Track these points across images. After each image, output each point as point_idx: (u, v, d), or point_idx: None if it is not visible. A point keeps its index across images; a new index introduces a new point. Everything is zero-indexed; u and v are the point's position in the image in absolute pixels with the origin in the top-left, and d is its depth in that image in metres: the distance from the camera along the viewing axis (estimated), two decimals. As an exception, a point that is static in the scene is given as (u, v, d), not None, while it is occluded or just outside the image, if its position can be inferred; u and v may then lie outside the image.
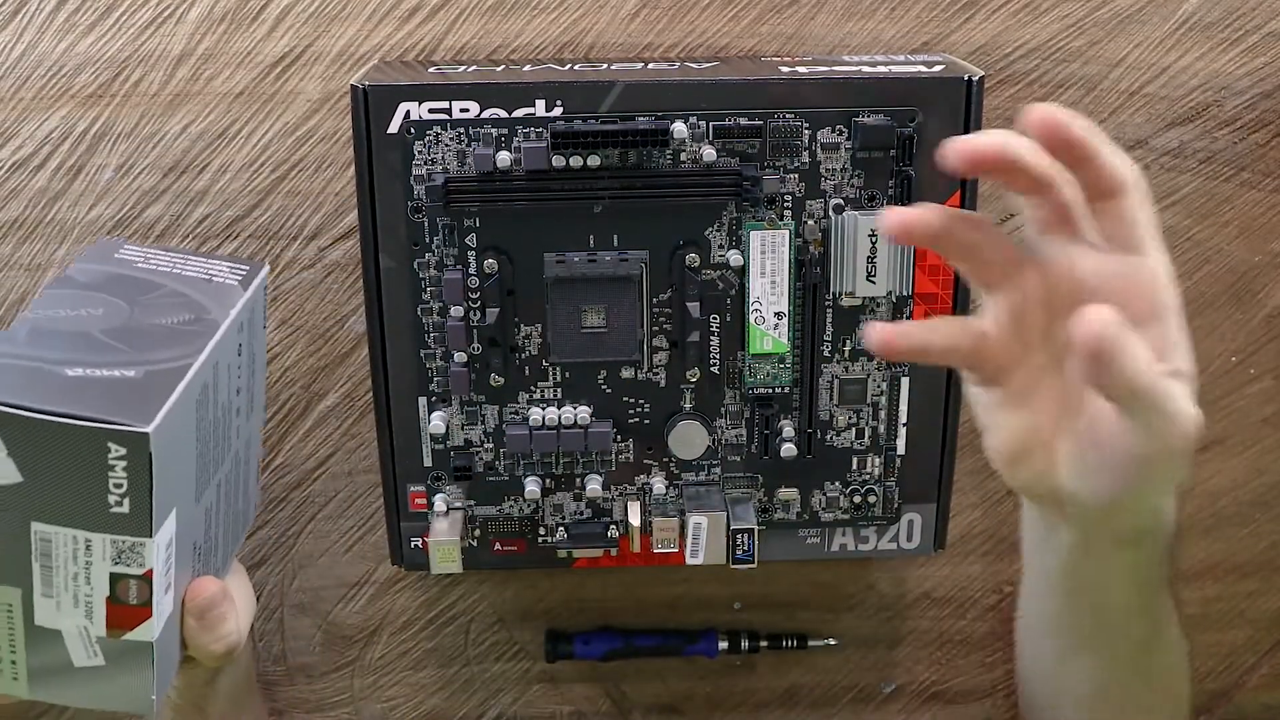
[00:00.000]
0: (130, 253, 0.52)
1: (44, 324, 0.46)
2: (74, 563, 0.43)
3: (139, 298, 0.49)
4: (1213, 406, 0.66)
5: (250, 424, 0.53)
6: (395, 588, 0.67)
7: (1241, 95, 0.61)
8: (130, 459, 0.41)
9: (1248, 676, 0.72)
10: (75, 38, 0.58)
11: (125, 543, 0.42)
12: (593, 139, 0.52)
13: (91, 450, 0.41)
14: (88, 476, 0.41)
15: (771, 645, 0.68)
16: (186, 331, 0.47)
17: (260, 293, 0.53)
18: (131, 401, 0.42)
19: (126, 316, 0.47)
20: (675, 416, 0.58)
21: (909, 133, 0.54)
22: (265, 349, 0.55)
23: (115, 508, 0.42)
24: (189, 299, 0.49)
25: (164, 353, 0.45)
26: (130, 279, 0.50)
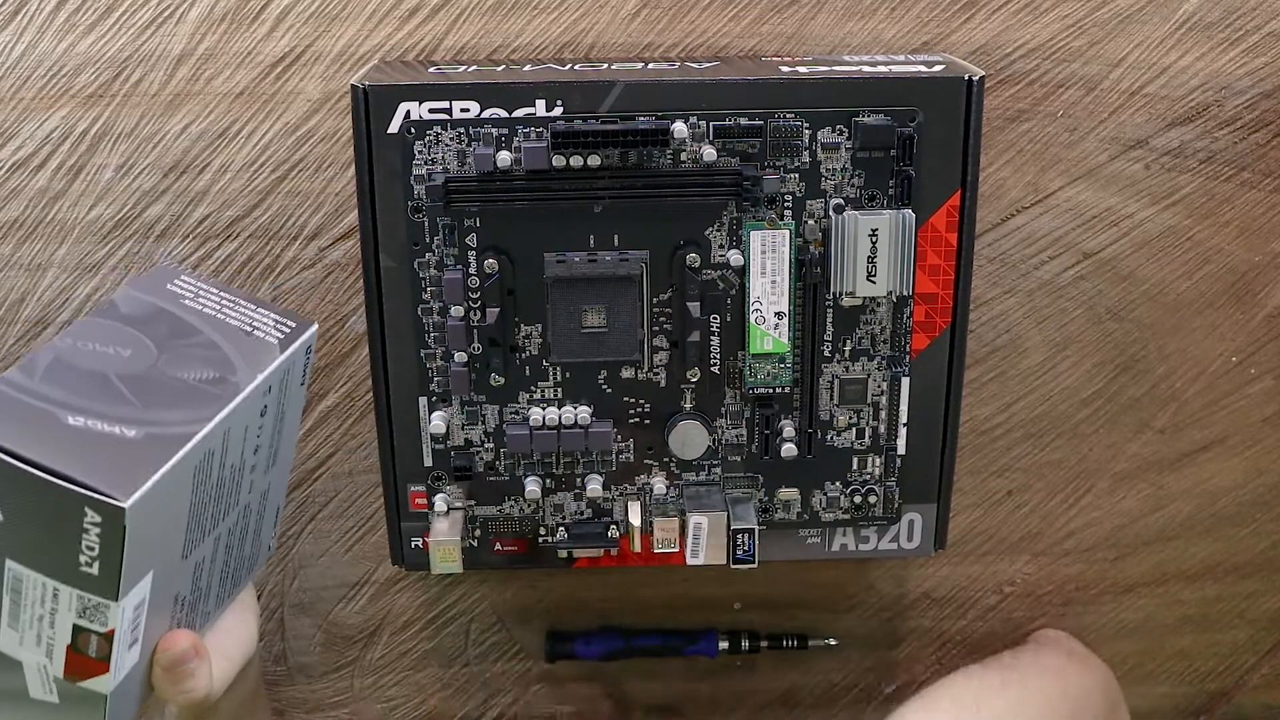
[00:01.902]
0: (184, 285, 0.51)
1: (67, 356, 0.45)
2: (40, 605, 0.43)
3: (171, 341, 0.48)
4: (1213, 406, 0.66)
5: (270, 476, 0.52)
6: (395, 588, 0.67)
7: (1241, 95, 0.61)
8: (104, 527, 0.41)
9: (1248, 676, 0.72)
10: (75, 38, 0.58)
11: (91, 600, 0.42)
12: (593, 139, 0.52)
13: (68, 510, 0.41)
14: (63, 533, 0.41)
15: (771, 645, 0.68)
16: (204, 392, 0.46)
17: (301, 353, 0.51)
18: (120, 467, 0.41)
19: (150, 363, 0.47)
20: (675, 416, 0.58)
21: (909, 133, 0.54)
22: (302, 404, 0.54)
23: (85, 567, 0.41)
24: (220, 353, 0.48)
25: (172, 413, 0.45)
26: (171, 317, 0.49)
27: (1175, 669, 0.72)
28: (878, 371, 0.58)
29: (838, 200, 0.55)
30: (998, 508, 0.67)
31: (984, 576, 0.69)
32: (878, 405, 0.58)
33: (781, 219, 0.55)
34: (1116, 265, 0.63)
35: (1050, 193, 0.62)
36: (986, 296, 0.63)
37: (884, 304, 0.57)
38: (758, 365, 0.57)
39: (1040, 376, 0.65)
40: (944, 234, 0.55)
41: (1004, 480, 0.67)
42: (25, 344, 0.61)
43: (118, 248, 0.60)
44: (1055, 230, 0.62)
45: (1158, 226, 0.62)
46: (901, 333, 0.57)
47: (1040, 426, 0.66)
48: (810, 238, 0.56)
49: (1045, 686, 0.65)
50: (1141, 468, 0.67)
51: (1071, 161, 0.61)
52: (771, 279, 0.55)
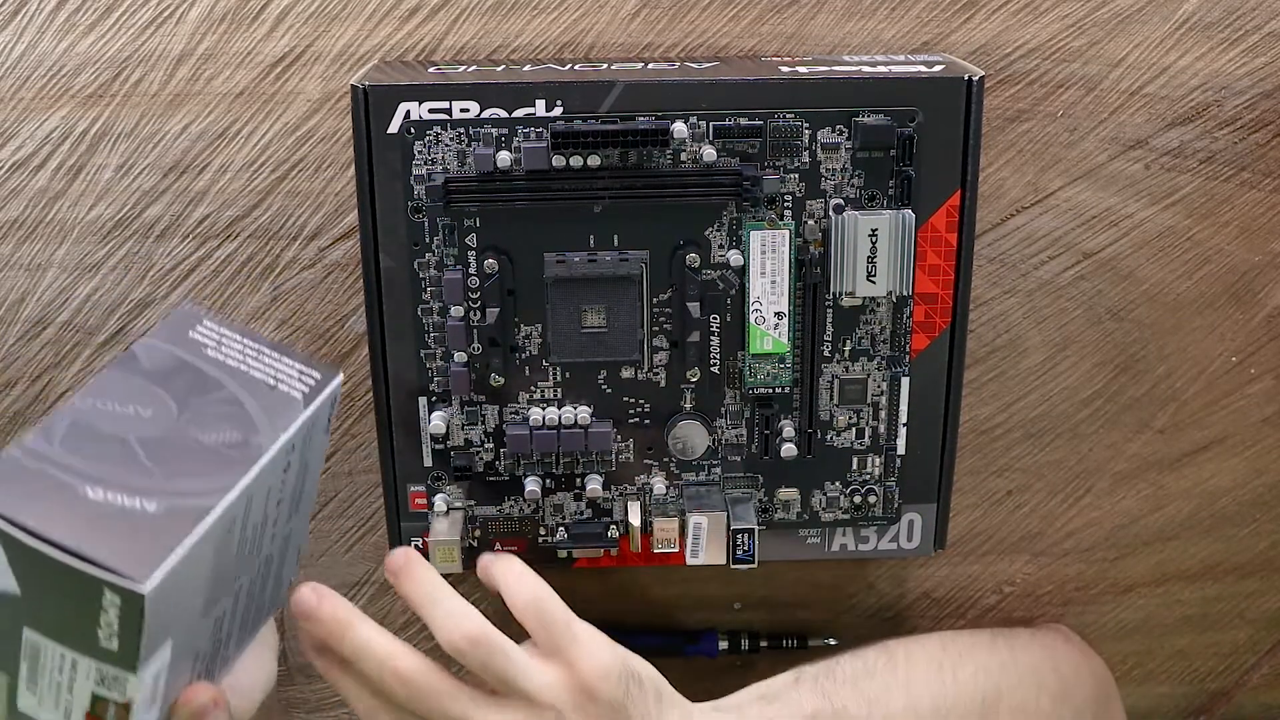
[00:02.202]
0: (206, 332, 0.50)
1: (86, 418, 0.44)
2: (59, 673, 0.42)
3: (192, 399, 0.47)
4: (1213, 406, 0.66)
5: (292, 522, 0.51)
6: (393, 590, 0.67)
7: (1241, 95, 0.61)
8: (124, 608, 0.40)
9: (1248, 676, 0.72)
10: (75, 38, 0.58)
11: (109, 671, 0.42)
12: (593, 139, 0.52)
13: (88, 590, 0.40)
14: (81, 610, 0.41)
15: (771, 645, 0.68)
16: (226, 457, 0.45)
17: (326, 406, 0.50)
18: (140, 546, 0.41)
19: (170, 423, 0.45)
20: (675, 416, 0.58)
21: (909, 133, 0.54)
22: (325, 452, 0.53)
23: (104, 642, 0.41)
24: (243, 411, 0.47)
25: (193, 482, 0.44)
26: (193, 370, 0.48)
27: (1175, 669, 0.72)
28: (878, 371, 0.58)
29: (838, 200, 0.55)
30: (998, 508, 0.67)
31: (984, 576, 0.69)
32: (877, 405, 0.58)
33: (781, 219, 0.55)
34: (1116, 265, 0.63)
35: (1050, 193, 0.62)
36: (986, 296, 0.63)
37: (884, 304, 0.57)
38: (758, 365, 0.57)
39: (1040, 376, 0.65)
40: (944, 234, 0.56)
41: (1004, 480, 0.67)
42: (25, 344, 0.61)
43: (118, 248, 0.60)
44: (1055, 230, 0.62)
45: (1158, 226, 0.62)
46: (901, 333, 0.57)
47: (1040, 426, 0.66)
48: (810, 238, 0.56)
49: (1035, 658, 0.65)
50: (1141, 468, 0.67)
51: (1071, 161, 0.61)
52: (771, 279, 0.55)
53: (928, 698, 0.59)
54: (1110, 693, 0.67)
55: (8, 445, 0.43)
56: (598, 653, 0.51)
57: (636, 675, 0.52)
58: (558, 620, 0.51)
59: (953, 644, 0.63)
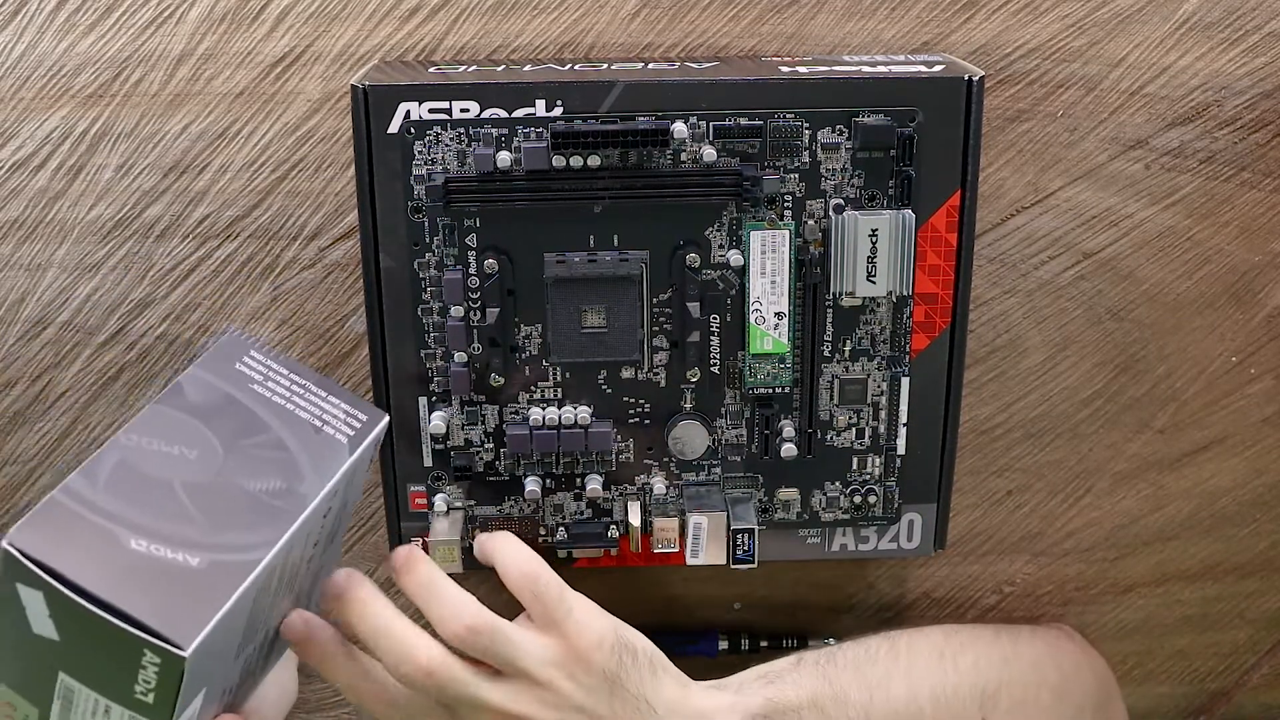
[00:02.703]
0: (253, 364, 0.49)
1: (133, 459, 0.44)
2: (92, 716, 0.42)
3: (238, 442, 0.46)
4: (1213, 406, 0.66)
5: (326, 555, 0.51)
6: (395, 588, 0.67)
7: (1241, 95, 0.61)
8: (163, 668, 0.40)
9: (1248, 676, 0.72)
10: (75, 38, 0.58)
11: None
12: (593, 139, 0.52)
13: (126, 648, 0.40)
14: (119, 664, 0.41)
15: (771, 645, 0.68)
16: (270, 508, 0.45)
17: (370, 449, 0.50)
18: (183, 603, 0.41)
19: (216, 468, 0.45)
20: (675, 416, 0.58)
21: (909, 133, 0.54)
22: (363, 485, 0.52)
23: (140, 696, 0.41)
24: (288, 457, 0.47)
25: (239, 535, 0.43)
26: (240, 409, 0.48)
27: (1175, 669, 0.72)
28: (878, 371, 0.58)
29: (838, 200, 0.55)
30: (998, 508, 0.67)
31: (984, 576, 0.69)
32: (877, 405, 0.58)
33: (781, 219, 0.55)
34: (1116, 265, 0.63)
35: (1050, 193, 0.62)
36: (986, 296, 0.63)
37: (884, 304, 0.57)
38: (758, 365, 0.57)
39: (1040, 376, 0.65)
40: (944, 234, 0.56)
41: (1004, 480, 0.67)
42: (25, 344, 0.61)
43: (118, 248, 0.60)
44: (1055, 230, 0.62)
45: (1158, 226, 0.62)
46: (901, 333, 0.57)
47: (1040, 426, 0.66)
48: (810, 238, 0.56)
49: (1037, 653, 0.65)
50: (1141, 468, 0.67)
51: (1071, 161, 0.61)
52: (771, 279, 0.55)
53: (927, 686, 0.59)
54: (1112, 692, 0.67)
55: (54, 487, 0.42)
56: (591, 623, 0.52)
57: (630, 646, 0.53)
58: (551, 593, 0.52)
59: (955, 635, 0.63)
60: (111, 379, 0.62)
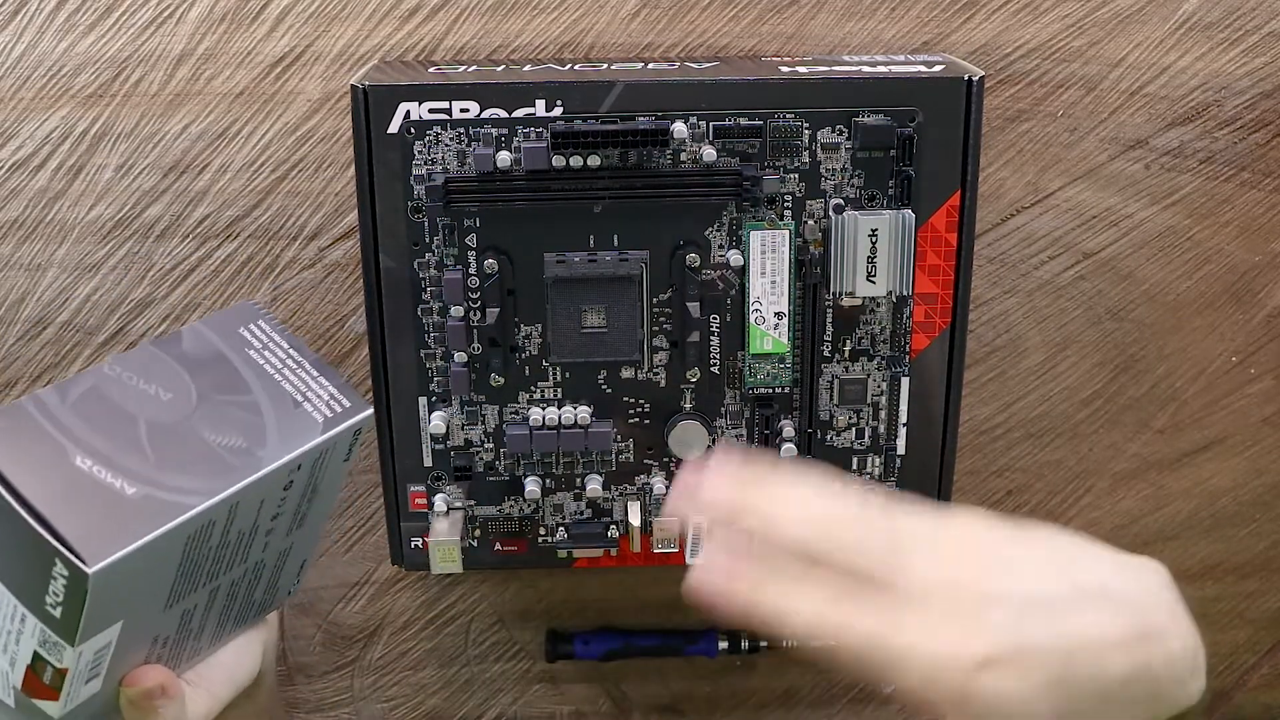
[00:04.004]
0: (257, 333, 0.50)
1: (106, 388, 0.45)
2: (9, 622, 0.43)
3: (214, 395, 0.47)
4: (1213, 406, 0.66)
5: (293, 537, 0.51)
6: (395, 588, 0.67)
7: (1241, 95, 0.61)
8: (70, 582, 0.41)
9: (1248, 676, 0.72)
10: (75, 38, 0.58)
11: (51, 636, 0.42)
12: (593, 139, 0.52)
13: (41, 556, 0.41)
14: (35, 571, 0.41)
15: (771, 645, 0.68)
16: (223, 461, 0.45)
17: (348, 435, 0.49)
18: (103, 526, 0.41)
19: (184, 413, 0.46)
20: (675, 416, 0.58)
21: (909, 133, 0.54)
22: (343, 479, 0.51)
23: (50, 608, 0.42)
24: (258, 421, 0.47)
25: (180, 478, 0.44)
26: (228, 368, 0.48)
27: (1175, 669, 0.72)
28: (877, 371, 0.58)
29: (838, 200, 0.55)
30: (998, 508, 0.67)
31: (984, 576, 0.69)
32: (877, 405, 0.58)
33: (781, 219, 0.55)
34: (1116, 265, 0.63)
35: (1050, 193, 0.62)
36: (986, 296, 0.63)
37: (884, 304, 0.57)
38: (758, 365, 0.57)
39: (1040, 376, 0.65)
40: (944, 234, 0.55)
41: (1004, 480, 0.67)
42: (25, 344, 0.61)
43: (118, 248, 0.60)
44: (1055, 230, 0.62)
45: (1158, 226, 0.62)
46: (901, 333, 0.57)
47: (1040, 426, 0.66)
48: (810, 238, 0.56)
49: None
50: (1141, 468, 0.67)
51: (1071, 161, 0.61)
52: (771, 279, 0.55)
53: None
54: None
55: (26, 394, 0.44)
56: None
57: None
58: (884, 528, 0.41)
59: None
60: (111, 379, 0.62)
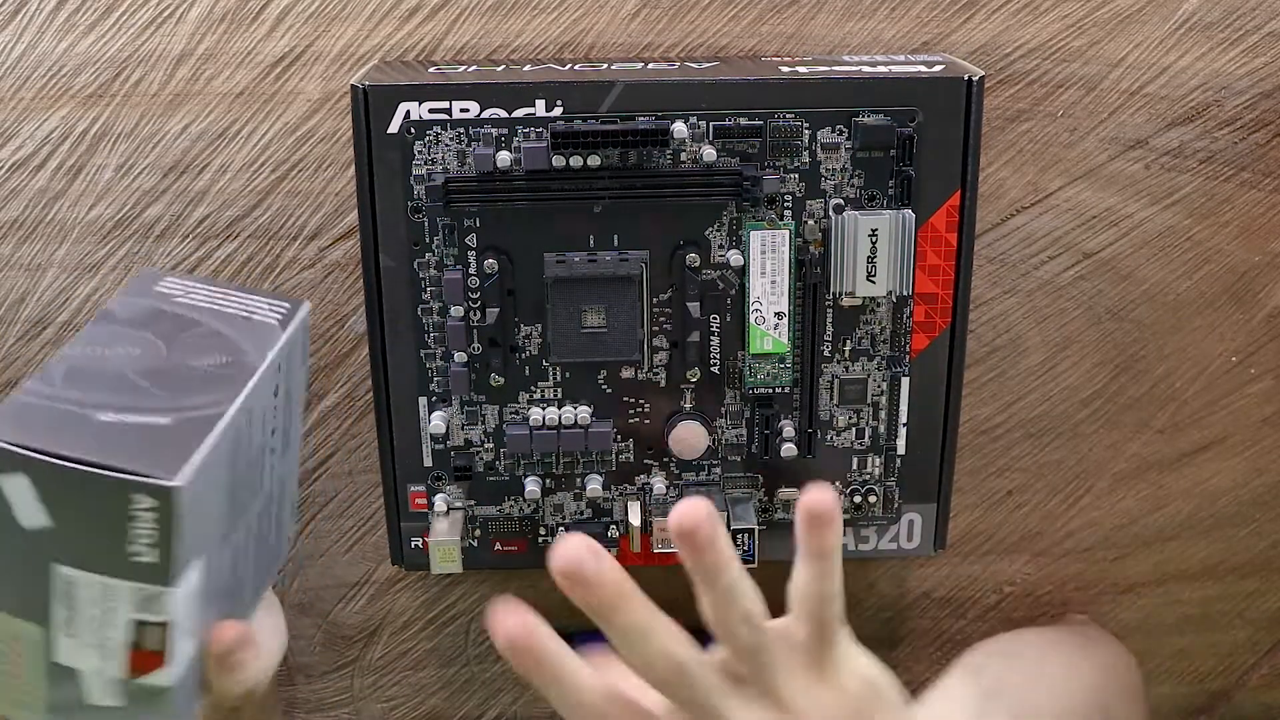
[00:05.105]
0: (171, 285, 0.51)
1: (81, 363, 0.45)
2: (96, 606, 0.42)
3: (177, 335, 0.48)
4: (1213, 406, 0.66)
5: (285, 461, 0.52)
6: (395, 588, 0.67)
7: (1241, 95, 0.61)
8: (157, 511, 0.41)
9: (1248, 676, 0.72)
10: (75, 38, 0.58)
11: (148, 591, 0.42)
12: (593, 139, 0.52)
13: (117, 501, 0.40)
14: (113, 526, 0.41)
15: (771, 645, 0.68)
16: (221, 375, 0.46)
17: (300, 331, 0.52)
18: (162, 451, 0.41)
19: (163, 357, 0.47)
20: (675, 416, 0.58)
21: (909, 133, 0.54)
22: (305, 386, 0.54)
23: (139, 557, 0.41)
24: (226, 339, 0.49)
25: (198, 398, 0.45)
26: (170, 315, 0.49)
27: (1175, 669, 0.72)
28: (877, 371, 0.58)
29: (838, 200, 0.55)
30: (998, 508, 0.67)
31: (984, 576, 0.69)
32: (877, 405, 0.58)
33: (781, 219, 0.55)
34: (1116, 265, 0.63)
35: (1050, 193, 0.62)
36: (986, 296, 0.63)
37: (884, 304, 0.57)
38: (758, 365, 0.57)
39: (1040, 376, 0.65)
40: (944, 234, 0.56)
41: (1004, 480, 0.67)
42: (25, 344, 0.61)
43: (118, 248, 0.60)
44: (1055, 230, 0.62)
45: (1158, 226, 0.62)
46: (901, 333, 0.57)
47: (1040, 426, 0.66)
48: (810, 238, 0.56)
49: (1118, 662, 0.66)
50: (1141, 468, 0.67)
51: (1071, 161, 0.61)
52: (771, 279, 0.55)
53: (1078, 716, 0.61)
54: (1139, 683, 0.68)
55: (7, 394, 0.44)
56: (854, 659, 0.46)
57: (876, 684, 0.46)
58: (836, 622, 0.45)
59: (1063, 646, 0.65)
60: (111, 379, 0.62)
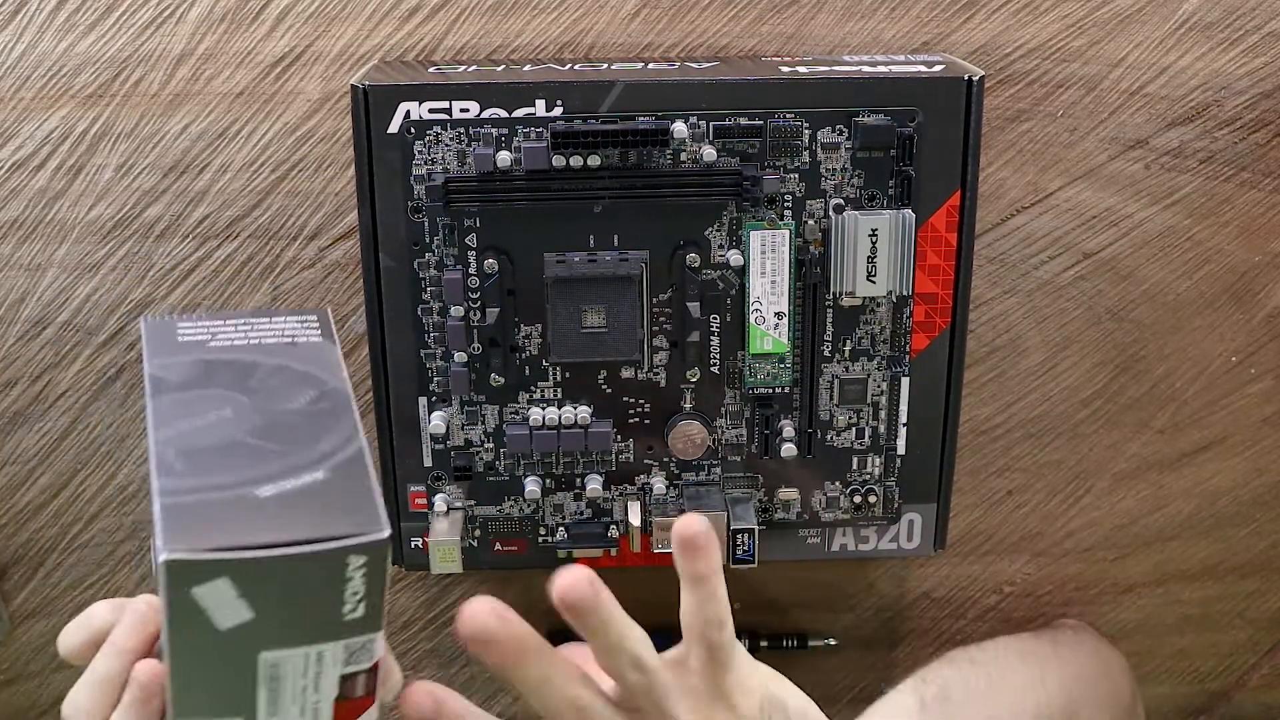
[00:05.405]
0: (191, 331, 0.49)
1: (186, 444, 0.43)
2: (304, 677, 0.42)
3: (247, 384, 0.46)
4: (1213, 406, 0.66)
5: None
6: (395, 588, 0.67)
7: (1241, 95, 0.61)
8: (369, 566, 0.40)
9: (1248, 676, 0.72)
10: (75, 38, 0.58)
11: (357, 643, 0.42)
12: (593, 139, 0.52)
13: (331, 569, 0.40)
14: (325, 595, 0.40)
15: (771, 645, 0.68)
16: (323, 410, 0.45)
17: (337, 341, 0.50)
18: (341, 506, 0.41)
19: (254, 410, 0.45)
20: (675, 416, 0.58)
21: (909, 133, 0.54)
22: None
23: (351, 615, 0.41)
24: (295, 371, 0.47)
25: (325, 442, 0.43)
26: (221, 364, 0.47)
27: (1175, 669, 0.72)
28: (878, 371, 0.58)
29: (838, 200, 0.55)
30: (998, 508, 0.67)
31: (984, 576, 0.69)
32: (877, 405, 0.58)
33: (781, 219, 0.55)
34: (1116, 265, 0.63)
35: (1050, 193, 0.62)
36: (986, 296, 0.63)
37: (884, 304, 0.57)
38: (758, 365, 0.57)
39: (1040, 376, 0.65)
40: (944, 234, 0.56)
41: (1004, 480, 0.67)
42: (25, 344, 0.61)
43: (118, 248, 0.60)
44: (1055, 230, 0.62)
45: (1158, 226, 0.62)
46: (901, 333, 0.57)
47: (1040, 426, 0.66)
48: (810, 238, 0.56)
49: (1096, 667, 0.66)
50: (1141, 468, 0.67)
51: (1071, 161, 0.61)
52: (771, 279, 0.55)
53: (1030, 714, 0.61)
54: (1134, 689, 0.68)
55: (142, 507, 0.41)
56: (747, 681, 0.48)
57: (780, 703, 0.48)
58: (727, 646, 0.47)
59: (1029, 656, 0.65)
60: (111, 379, 0.62)
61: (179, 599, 0.39)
